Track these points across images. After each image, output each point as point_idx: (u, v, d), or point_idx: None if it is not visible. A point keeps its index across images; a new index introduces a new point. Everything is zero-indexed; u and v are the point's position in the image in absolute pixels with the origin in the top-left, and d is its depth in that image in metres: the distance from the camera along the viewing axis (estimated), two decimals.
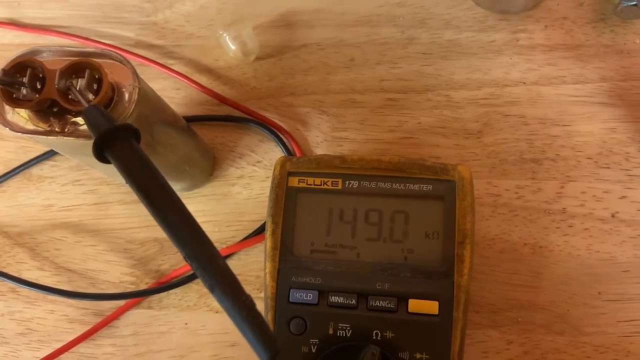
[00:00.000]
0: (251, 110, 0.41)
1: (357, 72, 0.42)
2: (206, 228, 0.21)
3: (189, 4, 0.45)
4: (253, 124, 0.41)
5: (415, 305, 0.29)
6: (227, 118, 0.42)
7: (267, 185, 0.39)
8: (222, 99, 0.42)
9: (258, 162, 0.41)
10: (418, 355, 0.28)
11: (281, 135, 0.40)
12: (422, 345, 0.29)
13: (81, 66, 0.26)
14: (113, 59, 0.27)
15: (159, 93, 0.32)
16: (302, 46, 0.43)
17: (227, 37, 0.41)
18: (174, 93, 0.43)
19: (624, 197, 0.37)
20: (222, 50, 0.42)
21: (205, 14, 0.45)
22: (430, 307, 0.29)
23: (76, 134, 0.26)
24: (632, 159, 0.37)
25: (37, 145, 0.42)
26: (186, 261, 0.19)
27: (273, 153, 0.41)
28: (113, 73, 0.27)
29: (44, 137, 0.27)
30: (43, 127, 0.27)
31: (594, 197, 0.37)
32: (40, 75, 0.26)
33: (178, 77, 0.42)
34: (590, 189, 0.37)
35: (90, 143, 0.23)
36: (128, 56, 0.27)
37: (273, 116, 0.41)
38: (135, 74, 0.27)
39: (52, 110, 0.27)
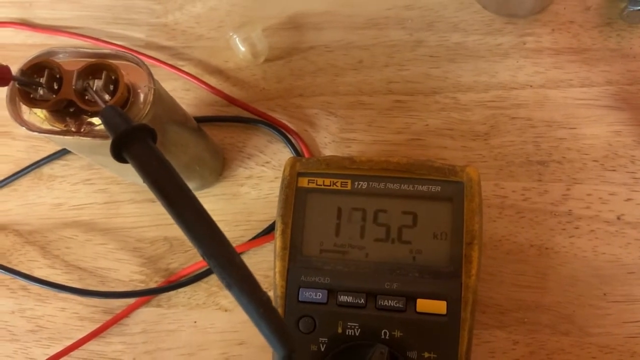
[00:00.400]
0: (260, 111, 0.42)
1: (365, 74, 0.42)
2: None
3: (199, 6, 0.46)
4: (262, 125, 0.41)
5: (424, 305, 0.29)
6: (236, 119, 0.42)
7: (276, 185, 0.39)
8: (231, 100, 0.42)
9: (267, 162, 0.41)
10: (426, 355, 0.29)
11: (289, 136, 0.41)
12: (430, 344, 0.29)
13: (98, 67, 0.27)
14: (129, 61, 0.28)
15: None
16: (311, 48, 0.43)
17: (237, 39, 0.42)
18: (184, 94, 0.43)
19: (629, 199, 0.37)
20: (231, 51, 0.43)
21: (215, 16, 0.45)
22: (439, 307, 0.29)
23: (92, 134, 0.27)
24: (638, 162, 0.38)
25: (48, 145, 0.43)
26: (204, 259, 0.20)
27: (281, 154, 0.41)
28: (128, 74, 0.27)
29: (60, 137, 0.27)
30: (59, 127, 0.27)
31: (600, 199, 0.37)
32: (58, 76, 0.26)
33: (188, 78, 0.43)
34: (596, 192, 0.37)
35: (105, 143, 0.23)
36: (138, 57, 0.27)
37: (282, 117, 0.42)
38: (150, 75, 0.27)
39: (69, 111, 0.27)
